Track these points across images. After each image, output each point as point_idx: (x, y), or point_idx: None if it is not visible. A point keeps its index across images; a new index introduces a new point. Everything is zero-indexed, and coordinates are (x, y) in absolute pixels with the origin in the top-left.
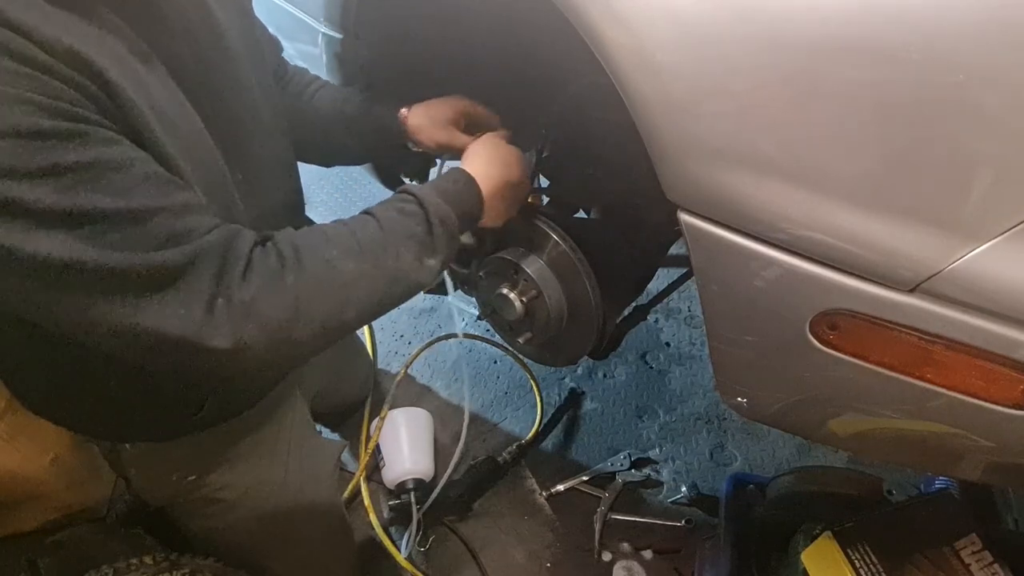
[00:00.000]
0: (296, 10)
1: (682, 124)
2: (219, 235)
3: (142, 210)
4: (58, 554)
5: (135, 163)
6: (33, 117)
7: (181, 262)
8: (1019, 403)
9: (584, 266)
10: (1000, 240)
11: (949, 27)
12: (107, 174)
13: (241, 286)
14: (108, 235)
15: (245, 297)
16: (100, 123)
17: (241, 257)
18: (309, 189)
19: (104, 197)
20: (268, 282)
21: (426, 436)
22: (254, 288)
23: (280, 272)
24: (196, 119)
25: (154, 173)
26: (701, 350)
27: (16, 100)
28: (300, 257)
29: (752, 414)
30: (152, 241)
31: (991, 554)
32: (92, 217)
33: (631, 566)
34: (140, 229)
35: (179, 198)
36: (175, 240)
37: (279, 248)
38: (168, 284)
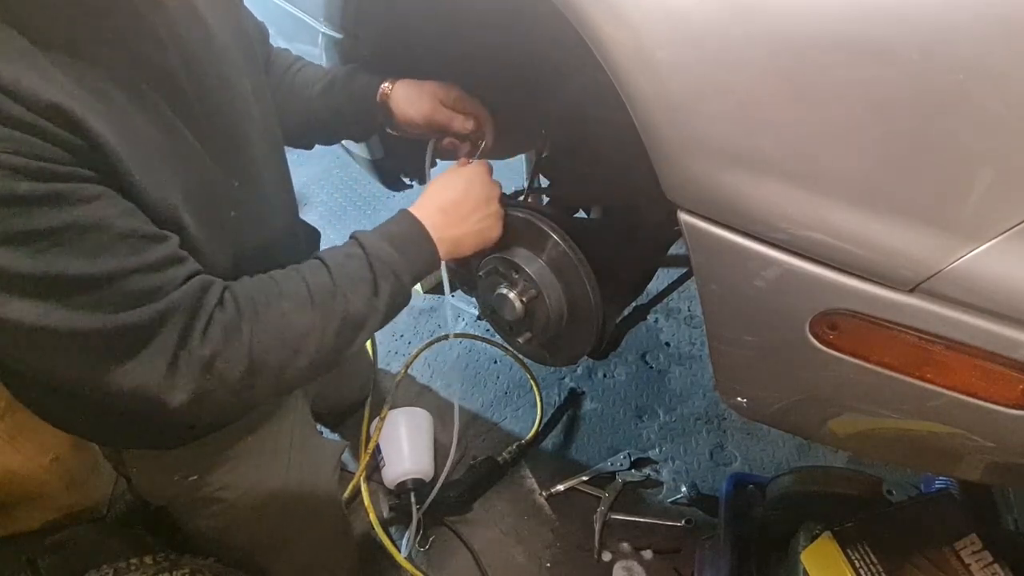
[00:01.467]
0: (296, 10)
1: (682, 123)
2: (186, 292)
3: (113, 272)
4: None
5: (111, 222)
6: (9, 181)
7: (147, 322)
8: (1019, 403)
9: (584, 266)
10: (1000, 240)
11: (949, 26)
12: (81, 237)
13: (202, 342)
14: (78, 298)
15: (205, 353)
16: (80, 177)
17: (204, 314)
18: (309, 189)
19: (76, 260)
20: (226, 337)
21: (426, 436)
22: (213, 343)
23: (238, 326)
24: (189, 140)
25: (130, 231)
26: (701, 350)
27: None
28: (256, 310)
29: (752, 414)
30: (122, 301)
31: (991, 554)
32: (63, 282)
33: (631, 566)
34: (110, 291)
35: (153, 254)
36: (145, 298)
37: (238, 302)
38: (134, 344)
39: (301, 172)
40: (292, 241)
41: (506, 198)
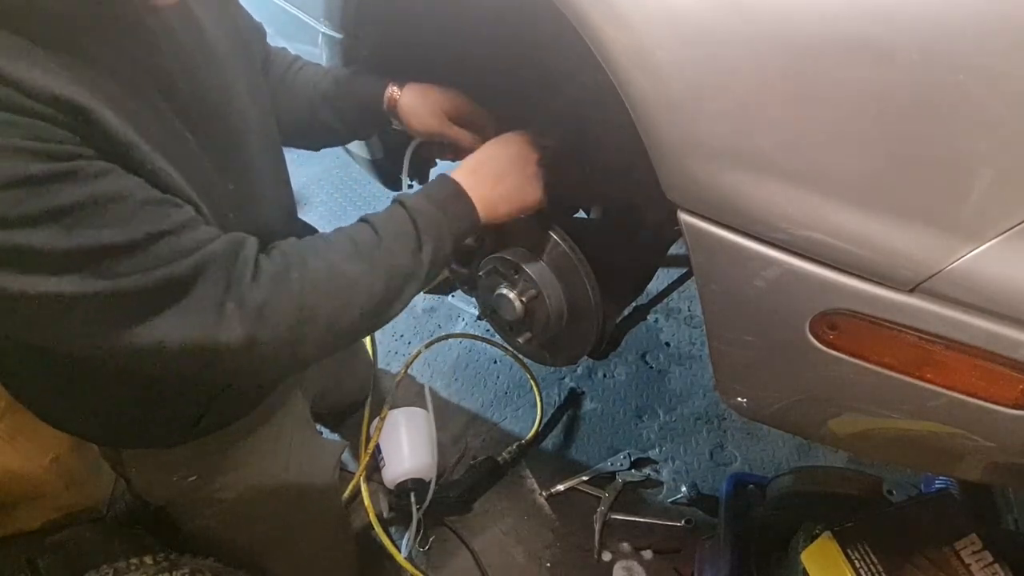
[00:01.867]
0: (296, 10)
1: (682, 123)
2: (224, 243)
3: (145, 236)
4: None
5: (131, 191)
6: (25, 164)
7: (190, 273)
8: (1019, 403)
9: (584, 266)
10: (1000, 240)
11: (949, 27)
12: (106, 207)
13: (251, 289)
14: (117, 266)
15: (256, 299)
16: (90, 155)
17: (248, 262)
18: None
19: (107, 231)
20: (275, 284)
21: (426, 436)
22: (264, 291)
23: (286, 274)
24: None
25: (151, 198)
26: (701, 350)
27: (6, 150)
28: (305, 260)
29: (752, 414)
30: (160, 261)
31: (991, 554)
32: (98, 252)
33: (631, 566)
34: (146, 254)
35: (178, 217)
36: (183, 254)
37: (284, 251)
38: (180, 295)
39: (301, 172)
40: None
41: None
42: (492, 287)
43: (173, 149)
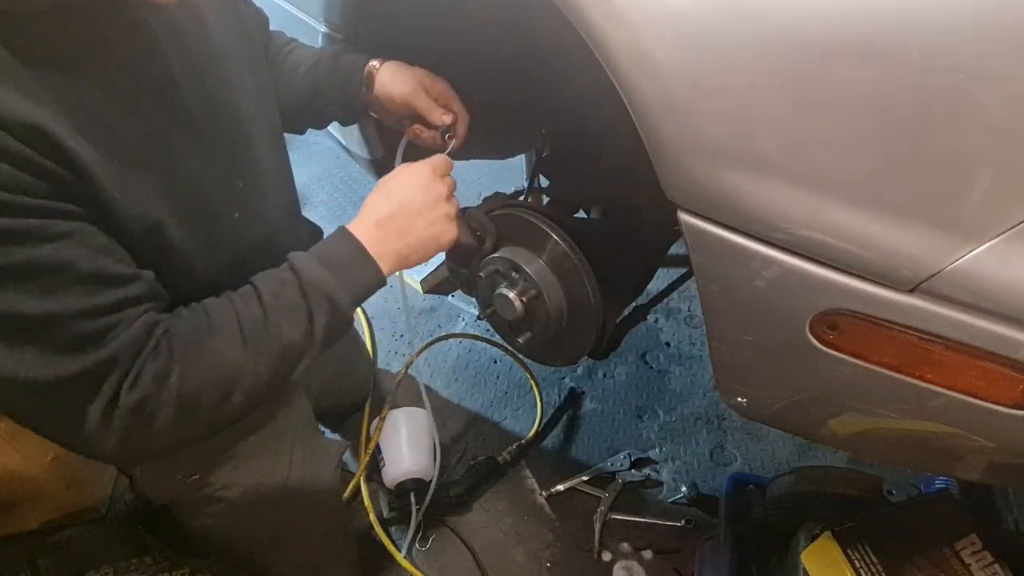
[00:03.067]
0: (296, 10)
1: (682, 123)
2: (128, 337)
3: (61, 314)
4: (58, 554)
5: (74, 262)
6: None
7: (86, 373)
8: (1019, 403)
9: (584, 266)
10: (1000, 240)
11: (949, 27)
12: (39, 276)
13: (131, 390)
14: (22, 336)
15: (132, 400)
16: (53, 212)
17: (138, 363)
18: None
19: (28, 300)
20: (156, 383)
21: (426, 436)
22: (143, 390)
23: (168, 372)
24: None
25: (92, 272)
26: (701, 350)
27: None
28: (187, 352)
29: (752, 414)
30: (63, 345)
31: (991, 554)
32: (9, 319)
33: (631, 566)
34: (54, 332)
35: (109, 297)
36: (87, 343)
37: (171, 345)
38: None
39: (301, 172)
40: (295, 238)
41: (506, 198)
42: (492, 287)
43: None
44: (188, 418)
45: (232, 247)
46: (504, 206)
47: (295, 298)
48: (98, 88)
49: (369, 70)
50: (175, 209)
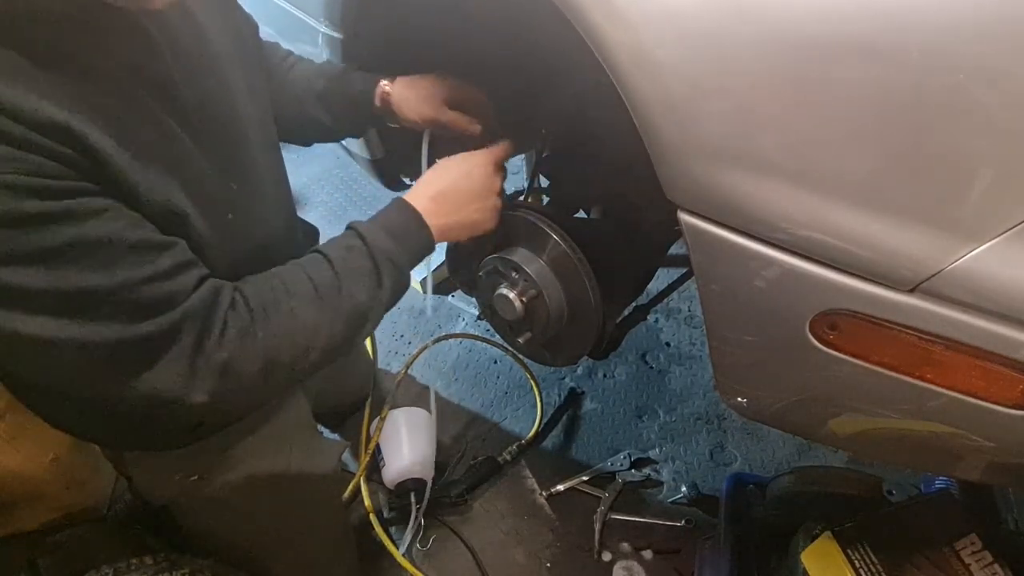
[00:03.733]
0: (296, 10)
1: (682, 123)
2: (199, 298)
3: (126, 283)
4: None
5: (121, 233)
6: (18, 202)
7: (164, 331)
8: (1019, 403)
9: (584, 266)
10: (1000, 240)
11: (949, 27)
12: (93, 251)
13: (218, 347)
14: (94, 311)
15: (222, 357)
16: (85, 192)
17: (218, 320)
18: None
19: (90, 275)
20: (241, 341)
21: (426, 436)
22: (229, 348)
23: (251, 329)
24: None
25: (139, 241)
26: (701, 350)
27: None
28: (267, 312)
29: (752, 414)
30: (137, 311)
31: (991, 554)
32: (79, 296)
33: (631, 566)
34: (125, 301)
35: (164, 263)
36: (160, 306)
37: (249, 304)
38: (152, 353)
39: (301, 172)
40: (291, 239)
41: (506, 198)
42: (492, 287)
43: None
44: (272, 374)
45: (228, 248)
46: (504, 206)
47: (364, 262)
48: (108, 88)
49: (382, 95)
50: (190, 203)
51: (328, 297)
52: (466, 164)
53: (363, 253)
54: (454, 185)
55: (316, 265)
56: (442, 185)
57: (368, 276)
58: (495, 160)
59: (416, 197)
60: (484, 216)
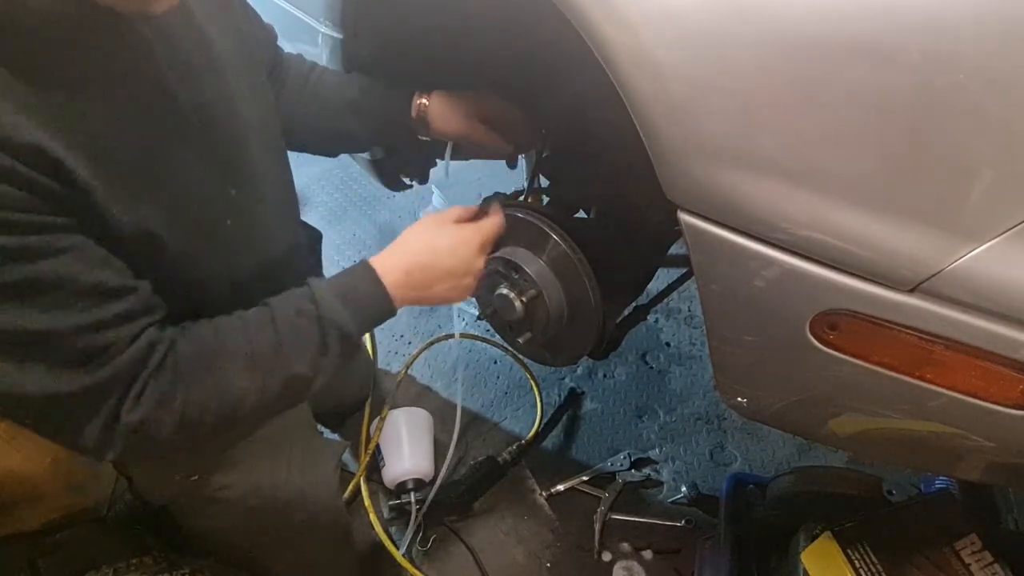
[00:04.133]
0: (296, 10)
1: (682, 124)
2: (130, 355)
3: (66, 330)
4: (58, 554)
5: (75, 277)
6: None
7: (88, 390)
8: (1019, 403)
9: (584, 266)
10: (1000, 240)
11: (949, 27)
12: (41, 293)
13: (132, 411)
14: (25, 354)
15: (135, 420)
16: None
17: (139, 383)
18: (309, 189)
19: (33, 316)
20: (156, 407)
21: (426, 436)
22: (143, 413)
23: (172, 394)
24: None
25: (92, 286)
26: (701, 350)
27: None
28: (193, 374)
29: (752, 414)
30: (68, 361)
31: (991, 554)
32: (13, 336)
33: (631, 566)
34: (59, 348)
35: (110, 310)
36: (90, 359)
37: (178, 366)
38: (72, 412)
39: (301, 172)
40: (293, 243)
41: (506, 198)
42: (492, 287)
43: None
44: (190, 434)
45: (227, 253)
46: (504, 206)
47: (311, 330)
48: (93, 104)
49: (419, 110)
50: (170, 217)
51: (263, 365)
52: (453, 239)
53: (313, 320)
54: (434, 261)
55: (260, 327)
56: (423, 259)
57: (313, 345)
58: (483, 239)
59: (390, 267)
60: (455, 295)
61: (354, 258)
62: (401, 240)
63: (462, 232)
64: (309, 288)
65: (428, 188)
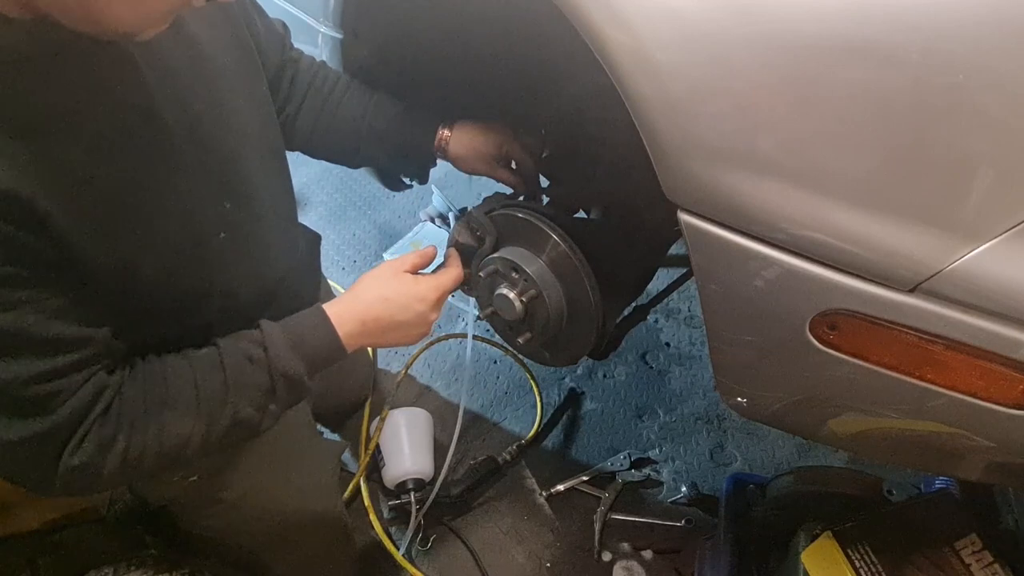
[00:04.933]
0: (296, 10)
1: (682, 124)
2: (77, 401)
3: (11, 380)
4: (58, 554)
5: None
6: None
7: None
8: (1019, 403)
9: (584, 266)
10: (1000, 240)
11: (948, 27)
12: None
13: (74, 454)
14: None
15: (76, 463)
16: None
17: (82, 429)
18: (309, 189)
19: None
20: (98, 451)
21: (426, 436)
22: (85, 456)
23: (113, 440)
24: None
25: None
26: (701, 350)
27: None
28: (135, 423)
29: (752, 414)
30: (16, 409)
31: (991, 554)
32: None
33: (631, 566)
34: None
35: (62, 361)
36: (37, 406)
37: (121, 411)
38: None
39: (301, 172)
40: (292, 249)
41: (506, 198)
42: (492, 287)
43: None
44: (131, 474)
45: (219, 265)
46: (504, 206)
47: (261, 378)
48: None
49: (440, 142)
50: (152, 244)
51: (209, 410)
52: (409, 295)
53: (262, 368)
54: (390, 316)
55: (208, 371)
56: (379, 312)
57: (261, 392)
58: (441, 295)
59: (346, 319)
60: (404, 341)
61: (354, 258)
62: (358, 290)
63: (418, 287)
64: (261, 333)
65: (428, 188)
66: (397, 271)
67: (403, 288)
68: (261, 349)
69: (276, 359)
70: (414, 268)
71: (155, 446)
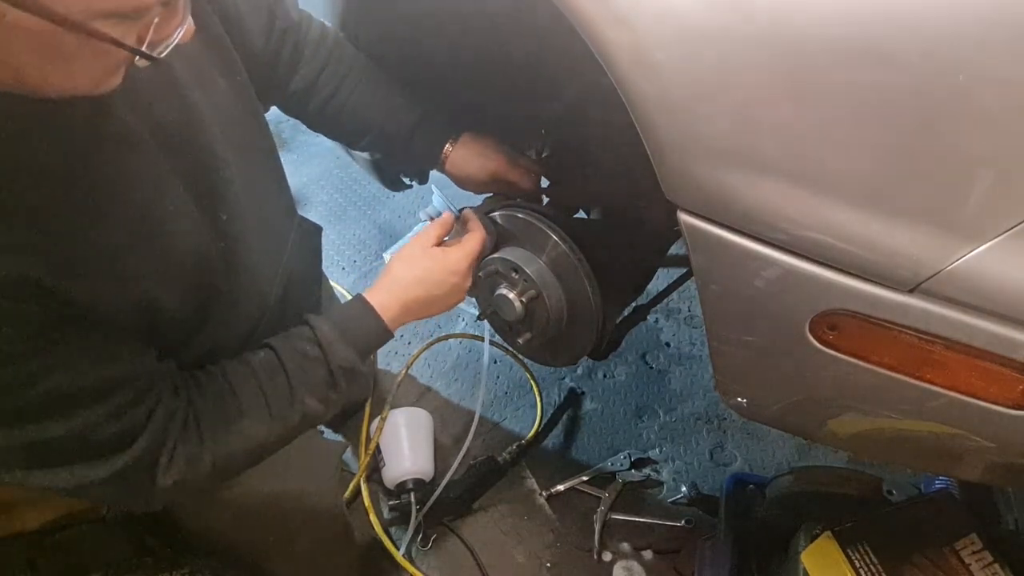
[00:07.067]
0: None
1: (682, 124)
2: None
3: (85, 427)
4: (58, 554)
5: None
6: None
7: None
8: (1019, 403)
9: (584, 266)
10: (1000, 240)
11: (949, 27)
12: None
13: (167, 473)
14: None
15: (171, 481)
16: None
17: (167, 450)
18: (309, 189)
19: (53, 426)
20: (189, 466)
21: (426, 436)
22: (177, 472)
23: (200, 455)
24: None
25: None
26: (701, 350)
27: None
28: (216, 437)
29: (752, 414)
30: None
31: (991, 554)
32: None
33: (631, 566)
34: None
35: (120, 398)
36: (112, 445)
37: (200, 426)
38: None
39: (301, 172)
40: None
41: (506, 199)
42: (492, 287)
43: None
44: (225, 476)
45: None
46: (504, 206)
47: (320, 373)
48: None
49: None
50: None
51: (281, 412)
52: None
53: (320, 363)
54: (428, 293)
55: (270, 375)
56: (417, 292)
57: (324, 386)
58: (471, 261)
59: (387, 305)
60: (442, 311)
61: (354, 258)
62: (394, 273)
63: (448, 260)
64: (311, 329)
65: (428, 188)
66: (425, 247)
67: (435, 264)
68: (315, 345)
69: (331, 353)
70: (439, 239)
71: (240, 453)
